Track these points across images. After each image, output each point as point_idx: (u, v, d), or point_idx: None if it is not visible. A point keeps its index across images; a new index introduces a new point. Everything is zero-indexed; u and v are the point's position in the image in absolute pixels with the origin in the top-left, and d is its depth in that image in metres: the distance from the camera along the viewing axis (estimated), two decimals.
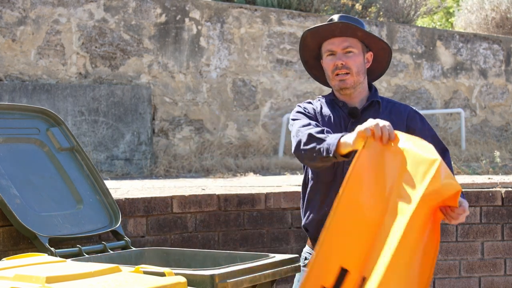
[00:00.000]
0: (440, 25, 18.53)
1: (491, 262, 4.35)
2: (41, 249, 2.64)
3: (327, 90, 9.27)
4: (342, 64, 2.66)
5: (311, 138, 2.52)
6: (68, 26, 7.38)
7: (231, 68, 8.17)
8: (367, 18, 10.14)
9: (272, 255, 2.61)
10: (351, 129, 2.56)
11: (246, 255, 2.70)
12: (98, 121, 7.19)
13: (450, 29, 14.16)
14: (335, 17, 2.71)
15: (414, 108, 2.82)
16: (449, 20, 18.08)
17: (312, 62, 2.84)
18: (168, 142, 7.72)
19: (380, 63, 2.83)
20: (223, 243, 3.79)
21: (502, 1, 11.35)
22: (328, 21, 2.72)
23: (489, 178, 5.28)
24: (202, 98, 7.98)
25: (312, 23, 8.68)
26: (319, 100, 2.87)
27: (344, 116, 2.73)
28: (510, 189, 4.43)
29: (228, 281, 2.23)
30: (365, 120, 2.54)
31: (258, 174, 6.57)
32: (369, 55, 2.77)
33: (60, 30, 7.34)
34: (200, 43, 8.02)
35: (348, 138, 2.37)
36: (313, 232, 2.69)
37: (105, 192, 3.09)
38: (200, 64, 8.00)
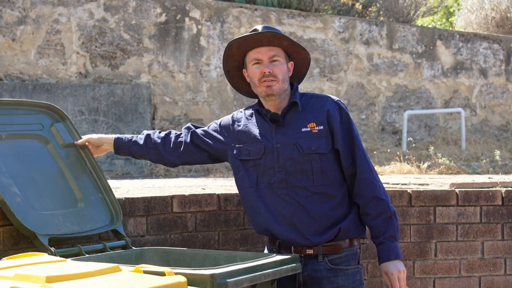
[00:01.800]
0: (440, 24, 18.53)
1: (491, 262, 4.35)
2: (41, 248, 2.63)
3: (327, 90, 9.26)
4: (269, 72, 2.74)
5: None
6: (68, 25, 7.38)
7: None
8: (367, 18, 10.14)
9: (272, 254, 2.62)
10: (276, 134, 2.77)
11: (246, 254, 2.70)
12: (98, 121, 7.19)
13: (450, 28, 14.17)
14: (259, 27, 2.79)
15: (337, 99, 2.85)
16: (449, 19, 18.09)
17: (233, 71, 2.92)
18: None
19: (298, 72, 2.93)
20: (223, 242, 3.79)
21: (502, 1, 11.35)
22: (252, 31, 2.79)
23: (489, 178, 5.28)
24: (202, 98, 7.98)
25: (312, 22, 8.68)
26: (241, 111, 2.97)
27: (269, 122, 2.82)
28: (510, 188, 4.43)
29: (228, 280, 2.22)
30: (288, 124, 2.79)
31: None
32: (290, 65, 2.85)
33: (60, 30, 7.34)
34: (200, 43, 8.02)
35: None
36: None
37: (107, 190, 3.06)
38: (200, 63, 8.00)
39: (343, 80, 8.92)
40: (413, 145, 8.38)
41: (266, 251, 2.93)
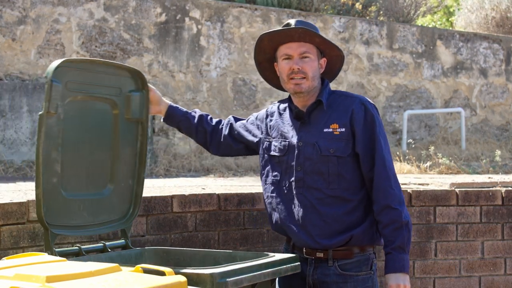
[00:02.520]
0: (440, 24, 18.53)
1: (491, 262, 4.35)
2: (46, 243, 2.60)
3: None
4: (298, 68, 2.69)
5: None
6: (68, 25, 7.38)
7: (231, 68, 8.17)
8: (367, 18, 10.14)
9: (272, 254, 2.61)
10: (300, 132, 2.74)
11: (246, 254, 2.70)
12: None
13: (450, 28, 14.16)
14: (292, 22, 2.74)
15: (365, 100, 2.76)
16: (449, 19, 18.08)
17: (265, 64, 2.89)
18: (168, 141, 7.72)
19: (331, 69, 2.87)
20: (223, 242, 3.79)
21: (502, 1, 11.35)
22: (285, 26, 2.75)
23: (489, 178, 5.28)
24: (202, 98, 7.98)
25: (312, 22, 8.67)
26: (276, 104, 2.96)
27: (295, 119, 2.81)
28: (510, 188, 4.43)
29: (228, 280, 2.23)
30: (313, 121, 2.74)
31: (258, 174, 6.57)
32: (323, 61, 2.80)
33: (60, 30, 7.34)
34: (200, 43, 8.02)
35: None
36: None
37: (140, 180, 2.92)
38: (200, 63, 8.00)
39: (343, 80, 8.92)
40: (413, 145, 8.38)
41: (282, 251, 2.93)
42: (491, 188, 4.41)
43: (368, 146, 2.69)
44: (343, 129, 2.69)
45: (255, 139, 2.93)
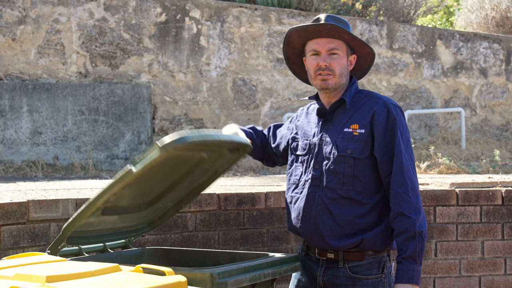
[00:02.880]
0: (440, 24, 18.53)
1: (491, 261, 4.35)
2: (53, 247, 2.55)
3: None
4: (326, 65, 2.65)
5: None
6: (68, 25, 7.38)
7: (231, 67, 8.17)
8: (367, 17, 10.14)
9: (272, 254, 2.61)
10: (321, 130, 2.72)
11: (246, 254, 2.70)
12: (98, 120, 7.19)
13: (450, 28, 14.16)
14: (322, 17, 2.69)
15: (390, 102, 2.68)
16: (449, 19, 18.08)
17: (294, 58, 2.85)
18: None
19: (362, 66, 2.83)
20: (223, 242, 3.79)
21: (502, 1, 11.34)
22: (314, 21, 2.71)
23: (489, 177, 5.27)
24: (202, 97, 7.98)
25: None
26: (307, 105, 2.94)
27: (318, 117, 2.78)
28: (510, 188, 4.43)
29: (227, 280, 2.22)
30: (335, 120, 2.71)
31: (258, 174, 6.57)
32: (353, 58, 2.75)
33: (60, 29, 7.34)
34: (200, 42, 8.02)
35: None
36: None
37: (179, 206, 2.86)
38: (200, 63, 8.00)
39: None
40: (413, 144, 8.38)
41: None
42: (491, 188, 4.41)
43: (386, 150, 2.62)
44: (363, 130, 2.63)
45: (288, 141, 2.90)
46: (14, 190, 4.02)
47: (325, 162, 2.67)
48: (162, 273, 2.11)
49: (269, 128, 3.03)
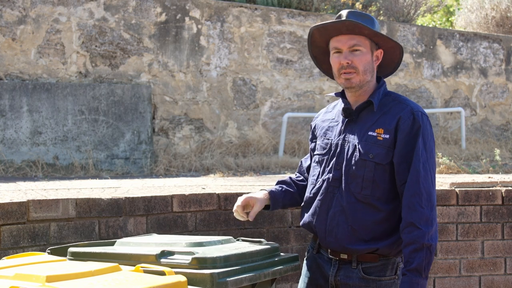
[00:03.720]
0: (440, 24, 18.53)
1: (491, 261, 4.35)
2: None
3: (327, 90, 9.23)
4: (348, 63, 2.58)
5: None
6: (68, 25, 7.38)
7: (231, 67, 8.17)
8: None
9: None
10: (345, 130, 2.66)
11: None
12: (98, 120, 7.19)
13: (450, 28, 14.16)
14: (344, 13, 2.63)
15: (417, 109, 2.60)
16: (449, 19, 18.08)
17: (321, 57, 2.78)
18: (168, 141, 7.72)
19: (391, 60, 2.73)
20: None
21: (502, 0, 11.34)
22: (337, 18, 2.64)
23: (489, 177, 5.27)
24: (202, 97, 7.98)
25: (312, 22, 8.67)
26: (338, 101, 2.86)
27: (343, 116, 2.72)
28: (510, 188, 4.43)
29: (227, 279, 2.22)
30: (360, 121, 2.65)
31: (258, 173, 6.57)
32: (379, 53, 2.67)
33: (60, 29, 7.34)
34: (200, 42, 8.02)
35: None
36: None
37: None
38: (200, 63, 8.00)
39: None
40: None
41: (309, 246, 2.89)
42: (491, 188, 4.41)
43: (405, 157, 2.55)
44: (387, 136, 2.56)
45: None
46: (14, 190, 4.02)
47: (345, 164, 2.62)
48: (162, 273, 2.12)
49: (301, 163, 2.98)
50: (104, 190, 4.13)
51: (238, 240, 2.75)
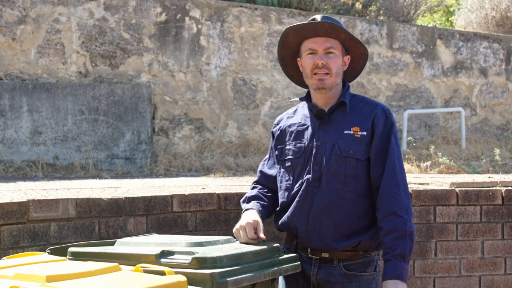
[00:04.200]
0: (440, 23, 18.53)
1: (491, 261, 4.35)
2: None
3: None
4: (323, 63, 2.67)
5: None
6: (68, 25, 7.38)
7: (231, 67, 8.17)
8: (367, 17, 10.14)
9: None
10: (318, 131, 2.72)
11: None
12: (98, 120, 7.19)
13: (450, 28, 14.16)
14: (318, 17, 2.72)
15: (386, 108, 2.77)
16: (449, 19, 18.08)
17: (288, 59, 2.87)
18: (168, 141, 7.72)
19: (354, 67, 2.86)
20: None
21: (502, 0, 11.34)
22: (311, 20, 2.72)
23: (489, 177, 5.27)
24: (202, 97, 7.98)
25: None
26: (297, 105, 2.95)
27: (314, 118, 2.78)
28: (510, 188, 4.43)
29: (227, 279, 2.22)
30: (333, 122, 2.73)
31: None
32: (347, 58, 2.79)
33: (60, 29, 7.34)
34: (200, 42, 8.02)
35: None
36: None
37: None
38: (200, 63, 8.00)
39: None
40: (413, 144, 8.38)
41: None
42: (491, 188, 4.41)
43: (381, 152, 2.68)
44: (365, 133, 2.68)
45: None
46: (14, 190, 4.02)
47: (325, 163, 2.68)
48: (162, 273, 2.11)
49: (262, 173, 2.97)
50: (104, 190, 4.13)
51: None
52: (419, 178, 5.58)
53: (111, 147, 7.17)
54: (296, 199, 2.73)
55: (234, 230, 2.71)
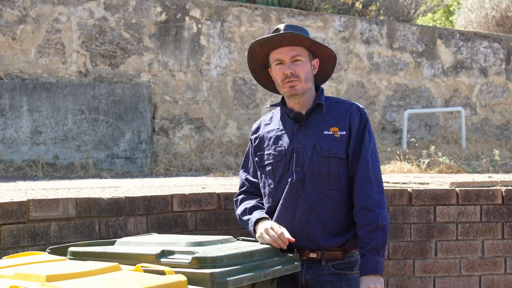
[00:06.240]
0: (440, 23, 18.53)
1: (492, 261, 4.35)
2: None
3: (327, 89, 9.24)
4: (291, 72, 2.75)
5: (239, 217, 2.91)
6: (68, 24, 7.38)
7: (231, 67, 8.17)
8: (367, 17, 10.14)
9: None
10: (297, 134, 2.78)
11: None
12: (98, 120, 7.19)
13: (451, 27, 14.16)
14: (281, 27, 2.79)
15: (361, 106, 2.85)
16: (450, 18, 18.08)
17: (259, 70, 2.94)
18: (169, 140, 7.72)
19: (325, 69, 2.93)
20: None
21: (502, 0, 11.34)
22: (274, 31, 2.80)
23: (490, 177, 5.27)
24: (202, 97, 7.98)
25: (312, 21, 8.68)
26: (272, 112, 3.02)
27: (291, 122, 2.84)
28: (510, 187, 4.43)
29: (228, 279, 2.22)
30: (311, 124, 2.80)
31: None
32: (315, 62, 2.86)
33: (60, 29, 7.34)
34: (201, 42, 8.02)
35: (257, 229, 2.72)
36: None
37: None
38: (200, 62, 8.00)
39: (343, 79, 8.91)
40: (414, 144, 8.38)
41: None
42: (491, 187, 4.41)
43: (356, 149, 2.75)
44: (344, 132, 2.75)
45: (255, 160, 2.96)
46: (14, 190, 4.02)
47: (307, 164, 2.74)
48: (162, 273, 2.11)
49: (248, 182, 2.99)
50: (104, 189, 4.13)
51: (238, 239, 2.76)
52: (419, 177, 5.58)
53: (111, 146, 7.17)
54: (281, 201, 2.78)
55: (257, 235, 2.70)
